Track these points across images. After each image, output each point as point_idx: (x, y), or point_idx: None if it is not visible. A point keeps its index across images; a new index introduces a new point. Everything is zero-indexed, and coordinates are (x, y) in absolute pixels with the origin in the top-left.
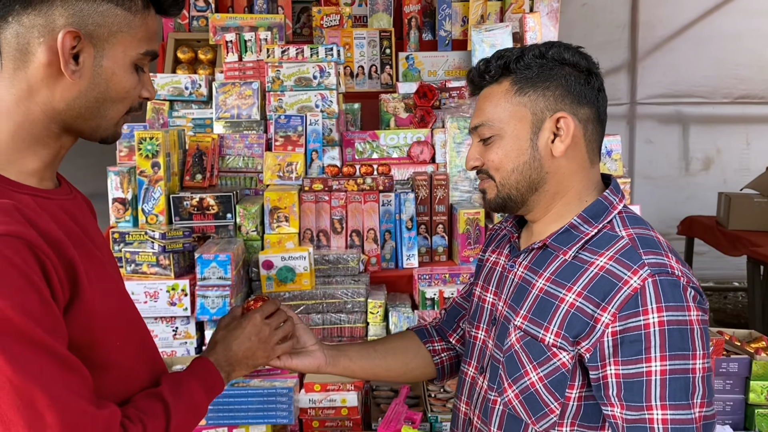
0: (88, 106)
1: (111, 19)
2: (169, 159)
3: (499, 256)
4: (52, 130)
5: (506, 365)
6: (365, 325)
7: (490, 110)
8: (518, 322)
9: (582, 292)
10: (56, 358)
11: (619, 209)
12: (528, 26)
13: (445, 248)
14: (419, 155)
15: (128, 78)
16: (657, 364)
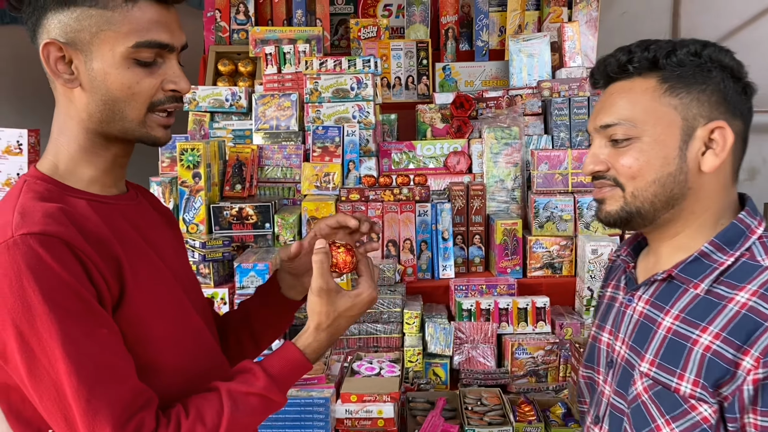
0: (101, 110)
1: (87, 22)
2: (210, 169)
3: (616, 290)
4: (94, 140)
5: (633, 418)
6: (401, 335)
7: (628, 108)
8: (644, 368)
9: (720, 333)
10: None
11: (758, 234)
12: (566, 36)
13: (482, 259)
14: (456, 165)
15: (124, 74)
16: None
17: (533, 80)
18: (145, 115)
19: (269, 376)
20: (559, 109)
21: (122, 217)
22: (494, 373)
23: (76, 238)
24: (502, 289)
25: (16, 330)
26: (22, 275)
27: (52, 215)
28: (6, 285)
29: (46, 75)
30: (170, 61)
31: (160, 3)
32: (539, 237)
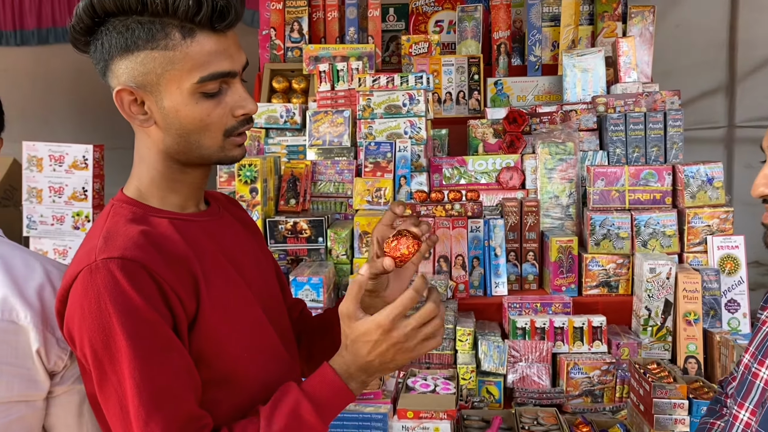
0: (178, 142)
1: (152, 64)
2: (266, 184)
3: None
4: (173, 168)
5: None
6: (454, 352)
7: None
8: None
9: None
10: (149, 364)
11: None
12: (621, 50)
13: (536, 276)
14: (509, 181)
15: (194, 109)
16: None
17: (587, 95)
18: (223, 141)
19: (310, 400)
20: (615, 125)
21: (203, 234)
22: (549, 392)
23: (155, 262)
24: (557, 307)
25: (92, 348)
26: (100, 297)
27: (133, 239)
28: (87, 306)
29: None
30: (234, 86)
31: (217, 32)
32: (595, 255)
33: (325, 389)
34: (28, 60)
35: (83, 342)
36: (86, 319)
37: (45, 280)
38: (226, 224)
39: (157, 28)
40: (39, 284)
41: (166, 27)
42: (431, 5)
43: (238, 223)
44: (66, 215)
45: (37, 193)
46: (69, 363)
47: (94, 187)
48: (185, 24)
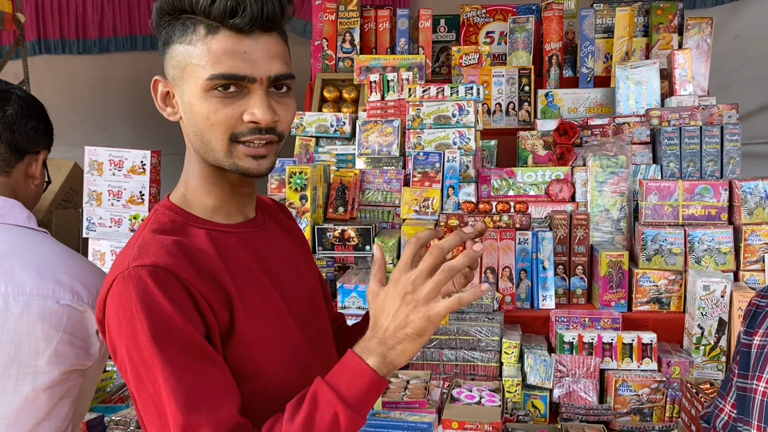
0: (196, 141)
1: (179, 58)
2: (316, 192)
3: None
4: (208, 170)
5: None
6: (499, 364)
7: None
8: None
9: None
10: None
11: None
12: (677, 63)
13: (584, 290)
14: (558, 193)
15: (201, 106)
16: None
17: (641, 108)
18: (229, 146)
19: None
20: (669, 138)
21: (241, 246)
22: (596, 409)
23: (187, 271)
24: (606, 322)
25: (129, 355)
26: (132, 304)
27: (167, 248)
28: (121, 312)
29: None
30: (254, 92)
31: (241, 33)
32: (646, 270)
33: (345, 370)
34: (89, 68)
35: (122, 352)
36: (122, 327)
37: (95, 275)
38: (269, 235)
39: (189, 24)
40: (92, 277)
41: (196, 24)
42: (482, 16)
43: (283, 232)
44: (123, 218)
45: (97, 196)
46: None
47: (151, 191)
48: (210, 22)
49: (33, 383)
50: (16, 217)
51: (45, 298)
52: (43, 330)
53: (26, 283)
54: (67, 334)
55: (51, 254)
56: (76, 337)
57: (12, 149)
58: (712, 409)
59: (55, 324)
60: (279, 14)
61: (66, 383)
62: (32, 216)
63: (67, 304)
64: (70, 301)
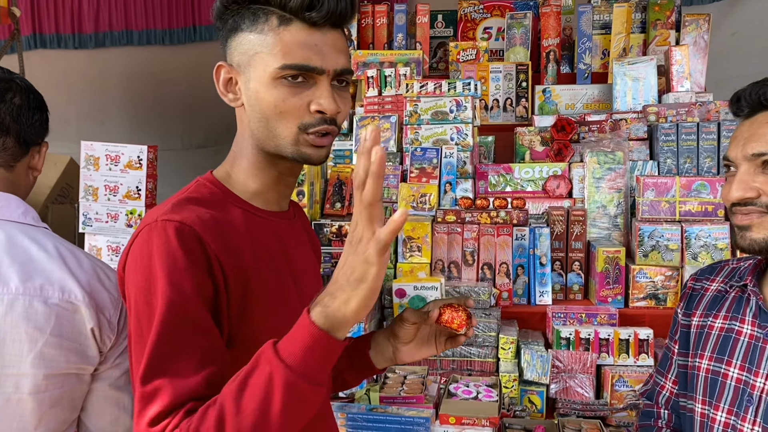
0: (258, 128)
1: (247, 46)
2: (313, 188)
3: (735, 322)
4: (259, 156)
5: None
6: (496, 360)
7: None
8: None
9: None
10: (180, 321)
11: None
12: (674, 59)
13: (581, 286)
14: (555, 189)
15: (271, 93)
16: None
17: (638, 104)
18: (297, 134)
19: (273, 342)
20: (666, 135)
21: (272, 234)
22: (593, 404)
23: (213, 238)
24: (603, 318)
25: (136, 295)
26: (152, 252)
27: (200, 214)
28: (139, 258)
29: None
30: (320, 83)
31: (313, 26)
32: (643, 266)
33: (293, 329)
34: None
35: (130, 291)
36: (137, 271)
37: (92, 271)
38: (296, 231)
39: (260, 14)
40: (88, 273)
41: (268, 14)
42: (480, 12)
43: (306, 235)
44: (120, 213)
45: (94, 191)
46: (115, 343)
47: (147, 187)
48: (284, 14)
49: (16, 386)
50: (11, 212)
51: (31, 297)
52: (27, 331)
53: (11, 281)
54: (55, 337)
55: (45, 251)
56: (65, 339)
57: (20, 142)
58: (652, 386)
59: (40, 325)
60: (350, 12)
61: (57, 389)
62: (30, 211)
63: (56, 303)
64: (59, 300)
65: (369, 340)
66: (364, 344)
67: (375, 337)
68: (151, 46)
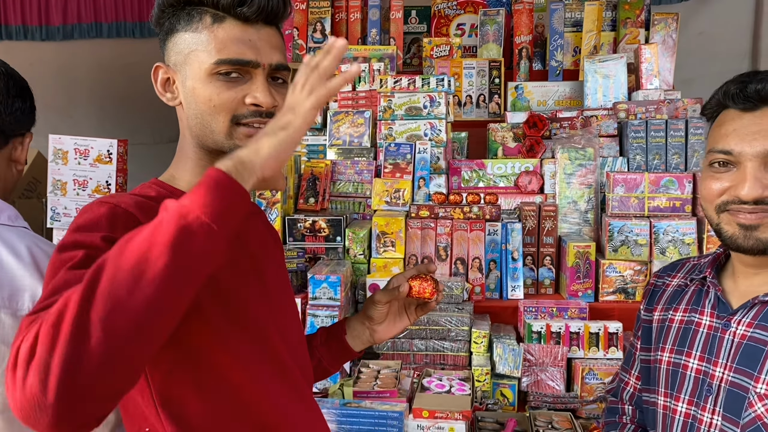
0: (195, 124)
1: (182, 45)
2: (286, 183)
3: (694, 314)
4: (201, 154)
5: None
6: (468, 354)
7: None
8: (762, 390)
9: None
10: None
11: None
12: (644, 57)
13: (552, 281)
14: (527, 185)
15: (206, 88)
16: None
17: (608, 101)
18: (230, 127)
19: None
20: (636, 132)
21: None
22: (563, 397)
23: (129, 212)
24: (573, 312)
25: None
26: (77, 220)
27: (139, 202)
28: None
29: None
30: (256, 77)
31: (246, 22)
32: (613, 261)
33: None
34: (52, 55)
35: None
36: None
37: None
38: (254, 225)
39: (195, 14)
40: None
41: (202, 13)
42: (453, 8)
43: (266, 228)
44: None
45: (62, 186)
46: None
47: (118, 181)
48: (217, 12)
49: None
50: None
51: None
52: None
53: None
54: None
55: (17, 255)
56: None
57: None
58: (617, 383)
59: (8, 340)
60: (282, 9)
61: None
62: (6, 209)
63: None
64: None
65: (344, 327)
66: (340, 331)
67: (349, 323)
68: (121, 38)
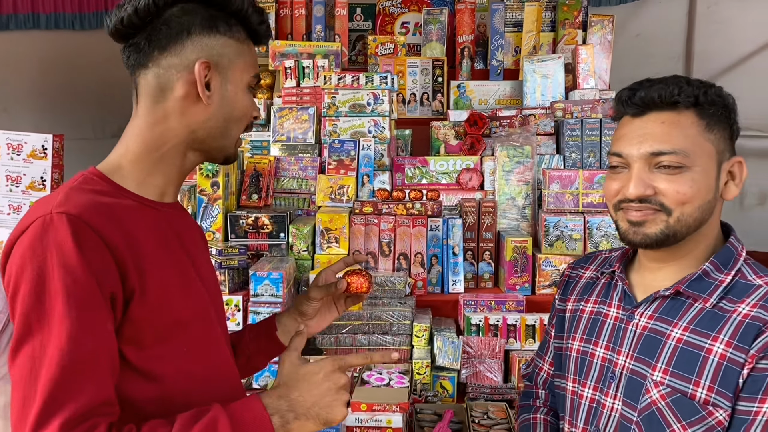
0: (217, 126)
1: (228, 49)
2: (228, 179)
3: (603, 306)
4: (179, 151)
5: (645, 426)
6: (410, 347)
7: (682, 139)
8: (658, 377)
9: (731, 341)
10: (80, 331)
11: (743, 256)
12: (580, 58)
13: (491, 275)
14: (468, 182)
15: (246, 98)
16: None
17: (546, 101)
18: (238, 136)
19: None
20: (572, 130)
21: (167, 224)
22: (501, 388)
23: (109, 230)
24: (511, 305)
25: (24, 300)
26: (47, 251)
27: (95, 205)
28: (30, 256)
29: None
30: (256, 93)
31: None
32: (549, 255)
33: (248, 414)
34: None
35: (17, 292)
36: (27, 269)
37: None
38: (187, 221)
39: (234, 23)
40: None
41: (235, 25)
42: (398, 6)
43: (194, 223)
44: (23, 205)
45: None
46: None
47: (53, 177)
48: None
49: None
50: None
51: None
52: None
53: None
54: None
55: None
56: None
57: None
58: (532, 369)
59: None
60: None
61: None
62: None
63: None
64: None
65: (274, 324)
66: (271, 328)
67: (280, 319)
68: (60, 30)
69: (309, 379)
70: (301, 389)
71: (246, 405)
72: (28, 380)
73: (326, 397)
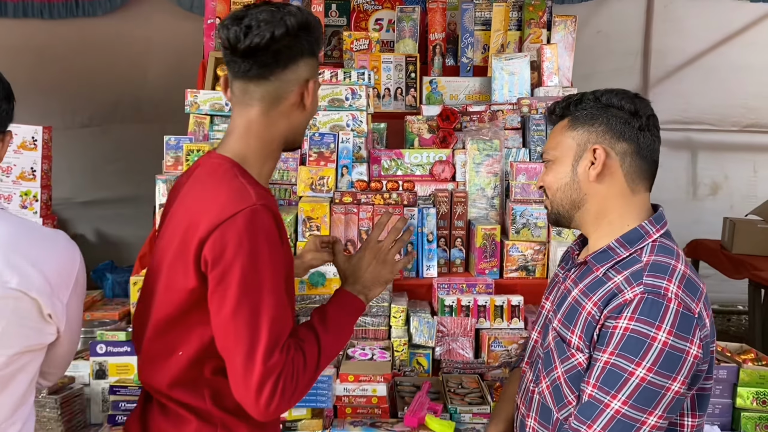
0: (300, 124)
1: (315, 64)
2: None
3: (560, 270)
4: (277, 147)
5: (544, 360)
6: (388, 327)
7: (551, 141)
8: (555, 325)
9: (597, 302)
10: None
11: (654, 238)
12: (545, 56)
13: (463, 260)
14: (441, 173)
15: (317, 101)
16: (605, 356)
17: (514, 97)
18: None
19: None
20: (537, 125)
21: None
22: (472, 363)
23: (277, 212)
24: (481, 288)
25: (243, 275)
26: (260, 234)
27: (263, 195)
28: (247, 239)
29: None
30: None
31: None
32: (515, 242)
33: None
34: None
35: (233, 267)
36: (243, 249)
37: (52, 257)
38: None
39: (315, 45)
40: (47, 260)
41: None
42: (371, 3)
43: None
44: (14, 194)
45: None
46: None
47: (43, 168)
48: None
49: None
50: None
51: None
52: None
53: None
54: (16, 317)
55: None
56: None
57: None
58: (527, 340)
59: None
60: None
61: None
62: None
63: (14, 288)
64: (17, 285)
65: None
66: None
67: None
68: (29, 19)
69: (361, 265)
70: (361, 274)
71: (341, 297)
72: (253, 326)
73: (377, 270)
